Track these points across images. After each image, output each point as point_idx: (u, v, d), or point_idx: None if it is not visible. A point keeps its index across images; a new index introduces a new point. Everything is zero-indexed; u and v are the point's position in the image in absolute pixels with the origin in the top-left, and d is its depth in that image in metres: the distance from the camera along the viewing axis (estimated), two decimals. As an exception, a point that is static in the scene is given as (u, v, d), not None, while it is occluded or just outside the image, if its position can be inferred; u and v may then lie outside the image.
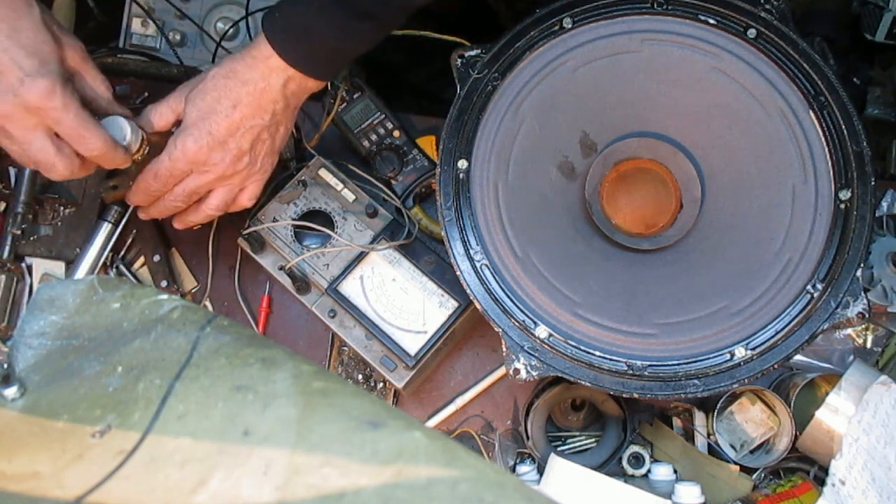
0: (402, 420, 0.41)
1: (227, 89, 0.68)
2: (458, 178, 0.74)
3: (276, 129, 0.72)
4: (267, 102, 0.69)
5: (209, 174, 0.71)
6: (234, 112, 0.68)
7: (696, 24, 0.74)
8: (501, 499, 0.36)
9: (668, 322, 0.72)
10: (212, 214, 0.75)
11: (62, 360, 0.54)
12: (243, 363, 0.47)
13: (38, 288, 0.83)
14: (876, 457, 0.73)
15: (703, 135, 0.75)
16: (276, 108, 0.70)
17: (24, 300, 0.85)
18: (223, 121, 0.68)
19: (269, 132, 0.71)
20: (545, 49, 0.75)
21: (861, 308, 0.70)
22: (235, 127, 0.69)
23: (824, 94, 0.72)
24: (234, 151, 0.70)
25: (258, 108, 0.69)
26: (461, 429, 0.86)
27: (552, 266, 0.74)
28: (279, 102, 0.70)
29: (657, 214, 0.76)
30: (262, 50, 0.68)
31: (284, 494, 0.39)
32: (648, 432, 0.84)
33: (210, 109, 0.68)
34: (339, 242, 0.80)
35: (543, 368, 0.71)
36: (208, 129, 0.68)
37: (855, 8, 1.01)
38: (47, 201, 0.86)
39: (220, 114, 0.68)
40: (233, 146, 0.69)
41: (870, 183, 0.71)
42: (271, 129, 0.71)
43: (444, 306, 0.79)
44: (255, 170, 0.73)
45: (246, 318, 0.88)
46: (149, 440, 0.45)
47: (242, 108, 0.68)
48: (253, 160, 0.72)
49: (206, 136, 0.68)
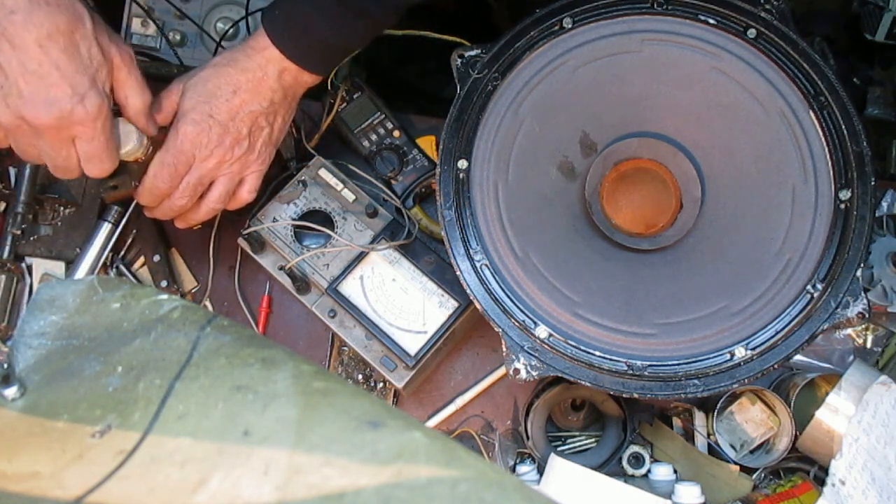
0: (402, 420, 0.41)
1: (227, 76, 0.71)
2: (458, 178, 0.74)
3: (273, 117, 0.74)
4: (265, 90, 0.71)
5: (211, 159, 0.71)
6: (234, 97, 0.71)
7: (696, 24, 0.74)
8: (501, 499, 0.36)
9: (668, 322, 0.72)
10: (214, 208, 0.75)
11: (62, 360, 0.54)
12: (243, 363, 0.47)
13: (38, 288, 0.83)
14: (876, 457, 0.73)
15: (703, 135, 0.75)
16: (274, 98, 0.72)
17: (24, 300, 0.85)
18: (223, 105, 0.70)
19: (267, 120, 0.73)
20: (545, 49, 0.75)
21: (861, 308, 0.70)
22: (235, 111, 0.71)
23: (824, 94, 0.72)
24: (234, 134, 0.71)
25: (256, 93, 0.71)
26: (461, 429, 0.86)
27: (552, 266, 0.74)
28: (277, 92, 0.72)
29: (657, 214, 0.76)
30: (260, 41, 0.71)
31: (284, 494, 0.39)
32: (648, 432, 0.84)
33: (211, 95, 0.70)
34: (339, 242, 0.80)
35: (543, 368, 0.71)
36: (209, 112, 0.70)
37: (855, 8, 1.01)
38: (47, 201, 0.86)
39: (220, 98, 0.70)
40: (232, 129, 0.71)
41: (870, 183, 0.71)
42: (269, 116, 0.73)
43: (444, 306, 0.79)
44: (253, 158, 0.74)
45: (246, 318, 0.88)
46: (149, 440, 0.45)
47: (242, 93, 0.71)
48: (251, 147, 0.73)
49: (207, 119, 0.70)
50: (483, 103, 0.75)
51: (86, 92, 0.61)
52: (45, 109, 0.60)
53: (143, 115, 0.68)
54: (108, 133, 0.64)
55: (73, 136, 0.63)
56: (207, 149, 0.71)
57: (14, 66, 0.59)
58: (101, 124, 0.63)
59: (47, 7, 0.59)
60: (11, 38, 0.58)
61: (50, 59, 0.59)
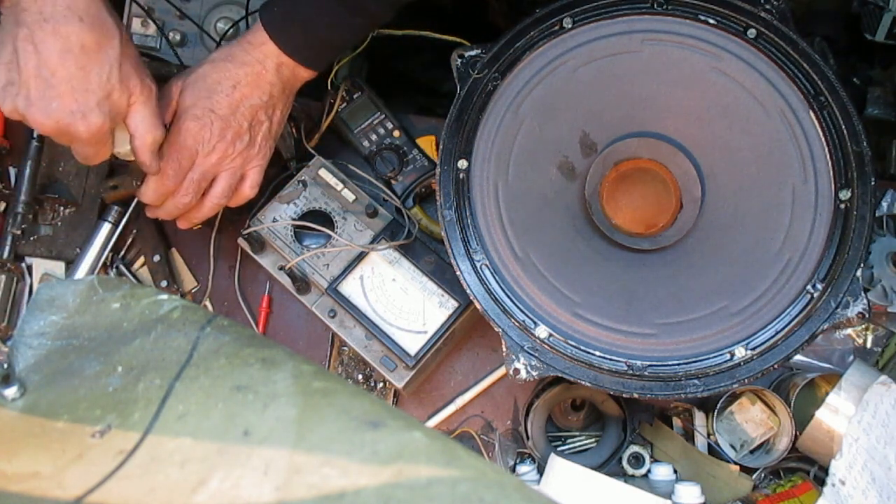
0: (402, 420, 0.41)
1: (226, 71, 0.71)
2: (458, 178, 0.74)
3: (272, 111, 0.74)
4: (264, 84, 0.72)
5: (213, 154, 0.72)
6: (235, 92, 0.71)
7: (696, 24, 0.74)
8: (501, 499, 0.36)
9: (668, 322, 0.72)
10: (217, 204, 0.75)
11: (62, 360, 0.54)
12: (243, 363, 0.47)
13: (38, 288, 0.83)
14: (876, 457, 0.73)
15: (703, 135, 0.75)
16: (273, 91, 0.73)
17: (24, 300, 0.85)
18: (224, 99, 0.71)
19: (267, 114, 0.74)
20: (545, 49, 0.75)
21: (861, 308, 0.70)
22: (236, 105, 0.72)
23: (824, 94, 0.72)
24: (235, 129, 0.72)
25: (256, 87, 0.72)
26: (461, 429, 0.86)
27: (552, 266, 0.74)
28: (276, 86, 0.73)
29: (657, 214, 0.76)
30: (258, 36, 0.71)
31: (284, 494, 0.39)
32: (648, 432, 0.84)
33: (211, 90, 0.71)
34: (339, 242, 0.80)
35: (543, 368, 0.71)
36: (210, 108, 0.71)
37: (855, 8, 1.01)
38: (47, 201, 0.86)
39: (220, 93, 0.71)
40: (234, 124, 0.72)
41: (870, 183, 0.71)
42: (268, 110, 0.74)
43: (444, 306, 0.79)
44: (254, 152, 0.74)
45: (246, 318, 0.88)
46: (149, 440, 0.45)
47: (242, 87, 0.72)
48: (252, 141, 0.74)
49: (208, 115, 0.71)
50: (483, 103, 0.75)
51: (89, 111, 0.63)
52: (45, 116, 0.62)
53: (146, 151, 0.68)
54: (103, 148, 0.67)
55: (70, 142, 0.65)
56: (210, 144, 0.71)
57: (30, 68, 0.61)
58: (96, 141, 0.65)
59: (79, 23, 0.61)
60: (37, 42, 0.60)
61: (65, 72, 0.61)
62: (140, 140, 0.68)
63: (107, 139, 0.66)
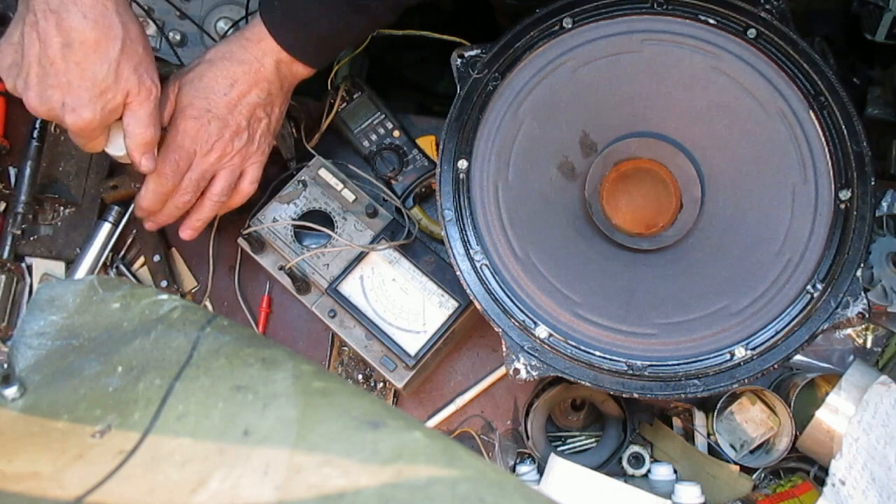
0: (402, 420, 0.41)
1: (223, 69, 0.71)
2: (458, 178, 0.74)
3: (271, 108, 0.74)
4: (262, 81, 0.72)
5: (212, 153, 0.72)
6: (232, 90, 0.71)
7: (696, 24, 0.74)
8: (501, 499, 0.36)
9: (669, 322, 0.72)
10: (217, 202, 0.75)
11: (62, 360, 0.54)
12: (243, 363, 0.47)
13: (38, 288, 0.83)
14: (876, 457, 0.73)
15: (703, 135, 0.75)
16: (272, 88, 0.73)
17: (24, 300, 0.85)
18: (221, 98, 0.71)
19: (265, 111, 0.74)
20: (545, 49, 0.75)
21: (861, 308, 0.70)
22: (234, 104, 0.71)
23: (824, 94, 0.72)
24: (233, 127, 0.72)
25: (254, 84, 0.72)
26: (461, 429, 0.86)
27: (552, 266, 0.74)
28: (274, 83, 0.73)
29: (657, 214, 0.76)
30: (256, 32, 0.71)
31: (284, 494, 0.39)
32: (648, 432, 0.84)
33: (208, 89, 0.71)
34: (339, 242, 0.80)
35: (543, 368, 0.71)
36: (207, 107, 0.71)
37: (855, 8, 1.01)
38: (47, 201, 0.86)
39: (218, 92, 0.71)
40: (231, 122, 0.72)
41: (870, 183, 0.71)
42: (267, 107, 0.74)
43: (444, 306, 0.79)
44: (253, 149, 0.74)
45: (246, 318, 0.88)
46: (149, 440, 0.45)
47: (239, 85, 0.71)
48: (251, 138, 0.74)
49: (205, 114, 0.71)
50: (483, 103, 0.75)
51: (80, 106, 0.63)
52: (38, 102, 0.64)
53: (138, 150, 0.68)
54: (94, 141, 0.67)
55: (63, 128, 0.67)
56: (208, 143, 0.71)
57: (32, 55, 0.63)
58: (86, 135, 0.66)
59: (82, 20, 0.62)
60: (41, 31, 0.62)
61: (63, 65, 0.62)
62: (132, 139, 0.68)
63: (97, 134, 0.67)
